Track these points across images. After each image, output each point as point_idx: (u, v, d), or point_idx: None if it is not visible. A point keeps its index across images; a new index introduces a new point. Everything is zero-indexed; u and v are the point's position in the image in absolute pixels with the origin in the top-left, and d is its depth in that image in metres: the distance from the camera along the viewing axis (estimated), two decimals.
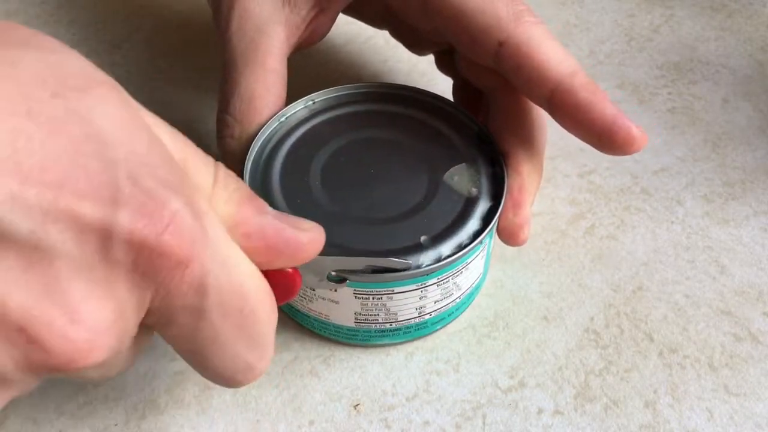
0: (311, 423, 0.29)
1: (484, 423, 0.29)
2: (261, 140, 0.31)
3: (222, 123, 0.32)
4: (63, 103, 0.18)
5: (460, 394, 0.30)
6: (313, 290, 0.29)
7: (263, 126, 0.31)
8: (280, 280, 0.23)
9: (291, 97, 0.33)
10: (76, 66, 0.19)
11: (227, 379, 0.23)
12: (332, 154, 0.31)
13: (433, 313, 0.30)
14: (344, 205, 0.29)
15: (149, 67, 0.43)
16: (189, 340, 0.21)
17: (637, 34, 0.47)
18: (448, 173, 0.31)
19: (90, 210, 0.18)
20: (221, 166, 0.23)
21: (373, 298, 0.28)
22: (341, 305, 0.29)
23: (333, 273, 0.27)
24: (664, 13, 0.48)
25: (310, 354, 0.31)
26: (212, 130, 0.33)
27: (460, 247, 0.28)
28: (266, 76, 0.31)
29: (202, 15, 0.47)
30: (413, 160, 0.31)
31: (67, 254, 0.18)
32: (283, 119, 0.33)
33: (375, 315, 0.29)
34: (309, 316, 0.30)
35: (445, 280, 0.29)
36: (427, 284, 0.29)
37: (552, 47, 0.29)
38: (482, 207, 0.30)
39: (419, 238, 0.29)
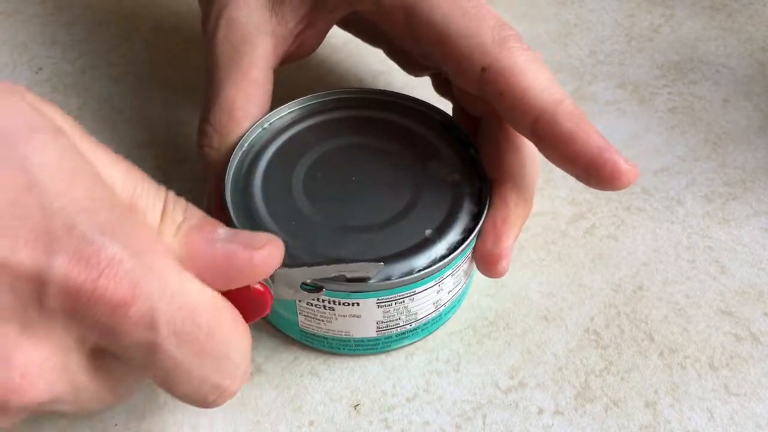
0: (311, 423, 0.29)
1: (484, 423, 0.29)
2: (243, 148, 0.31)
3: (202, 133, 0.32)
4: (1, 153, 0.18)
5: (460, 394, 0.30)
6: (333, 310, 0.28)
7: (243, 136, 0.31)
8: (248, 299, 0.23)
9: (287, 98, 0.33)
10: (18, 114, 0.19)
11: (200, 402, 0.23)
12: (314, 162, 0.31)
13: (446, 304, 0.30)
14: (327, 213, 0.29)
15: (147, 67, 0.43)
16: (150, 370, 0.21)
17: (637, 34, 0.47)
18: (435, 171, 0.30)
19: (24, 259, 0.18)
20: (171, 197, 0.22)
21: (395, 303, 0.28)
22: (363, 318, 0.29)
23: (307, 282, 0.27)
24: (664, 13, 0.48)
25: (310, 354, 0.31)
26: None
27: (468, 231, 0.29)
28: (248, 87, 0.31)
29: (198, 16, 0.47)
30: (394, 163, 0.31)
31: (4, 304, 0.18)
32: (266, 126, 0.32)
33: (397, 319, 0.29)
34: (326, 338, 0.30)
35: (458, 269, 0.29)
36: (444, 276, 0.29)
37: (537, 74, 0.28)
38: (471, 189, 0.30)
39: (424, 234, 0.29)
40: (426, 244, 0.28)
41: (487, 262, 0.29)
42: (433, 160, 0.31)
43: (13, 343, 0.19)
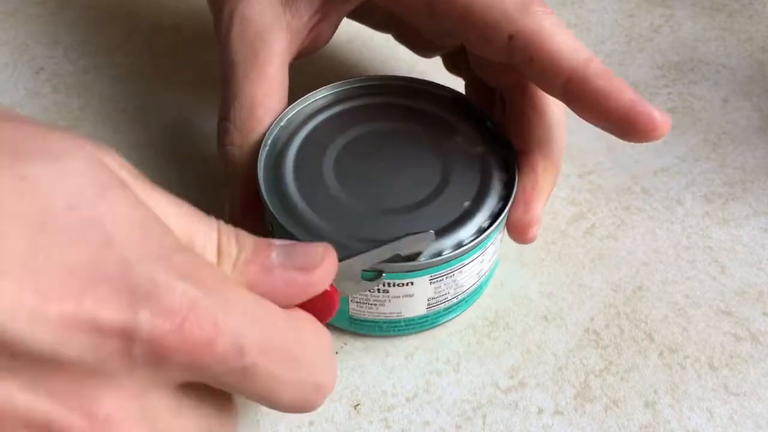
0: (311, 423, 0.29)
1: (484, 423, 0.29)
2: (272, 136, 0.32)
3: (223, 131, 0.32)
4: (76, 213, 0.18)
5: (460, 394, 0.30)
6: (387, 292, 0.29)
7: (267, 130, 0.31)
8: (317, 302, 0.24)
9: (293, 96, 0.33)
10: (88, 171, 0.19)
11: (304, 405, 0.23)
12: (341, 150, 0.31)
13: (486, 273, 0.31)
14: (363, 198, 0.30)
15: (149, 66, 0.44)
16: (249, 391, 0.22)
17: (637, 34, 0.47)
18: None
19: (110, 316, 0.18)
20: (223, 230, 0.23)
21: (446, 278, 0.29)
22: (415, 296, 0.29)
23: (367, 271, 0.27)
24: (664, 13, 0.48)
25: None
26: (212, 130, 0.33)
27: (505, 198, 0.30)
28: (267, 83, 0.31)
29: (200, 15, 0.47)
30: (419, 144, 0.32)
31: (89, 361, 0.18)
32: (297, 110, 0.33)
33: (445, 294, 0.30)
34: (377, 322, 0.30)
35: (497, 237, 0.30)
36: (488, 245, 0.29)
37: (564, 36, 0.28)
38: (496, 159, 0.31)
39: (463, 206, 0.29)
40: (467, 215, 0.29)
41: (519, 229, 0.30)
42: (455, 136, 0.32)
43: (96, 396, 0.19)
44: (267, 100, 0.31)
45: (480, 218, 0.29)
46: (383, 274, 0.28)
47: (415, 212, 0.29)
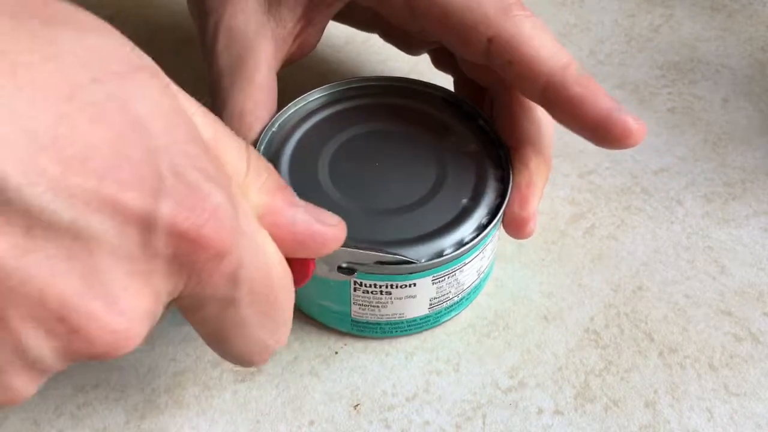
0: (311, 423, 0.29)
1: (484, 423, 0.29)
2: (269, 134, 0.32)
3: None
4: (103, 88, 0.18)
5: (460, 394, 0.30)
6: (390, 294, 0.29)
7: (258, 138, 0.31)
8: (297, 267, 0.24)
9: (290, 97, 0.33)
10: (117, 49, 0.19)
11: (246, 360, 0.23)
12: (335, 152, 0.31)
13: (485, 269, 0.31)
14: (351, 195, 0.30)
15: None
16: (214, 324, 0.22)
17: (637, 34, 0.47)
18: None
19: (133, 200, 0.17)
20: (252, 152, 0.23)
21: (448, 278, 0.29)
22: (418, 297, 0.29)
23: (344, 264, 0.27)
24: (664, 13, 0.48)
25: (310, 354, 0.31)
26: None
27: (503, 193, 0.30)
28: (255, 92, 0.31)
29: None
30: (412, 144, 0.32)
31: (108, 244, 0.18)
32: (294, 109, 0.33)
33: (447, 293, 0.30)
34: (379, 324, 0.30)
35: (495, 234, 0.30)
36: (488, 242, 0.29)
37: (543, 40, 0.28)
38: (490, 155, 0.31)
39: (461, 204, 0.29)
40: (466, 213, 0.29)
41: (517, 226, 0.30)
42: (449, 135, 0.32)
43: (122, 285, 0.18)
44: (256, 108, 0.31)
45: (479, 215, 0.29)
46: (355, 273, 0.28)
47: (414, 211, 0.29)
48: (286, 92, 0.33)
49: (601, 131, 0.27)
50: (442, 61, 0.37)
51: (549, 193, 0.37)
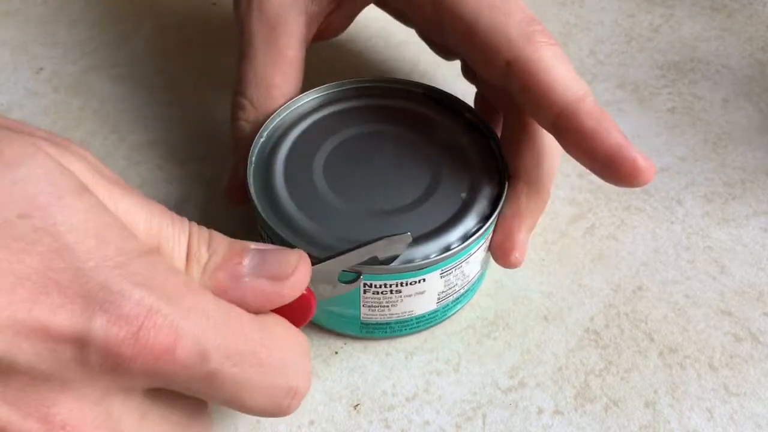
0: (311, 423, 0.29)
1: (484, 423, 0.29)
2: (269, 129, 0.32)
3: (238, 107, 0.32)
4: (30, 222, 0.18)
5: (460, 394, 0.30)
6: (399, 292, 0.29)
7: (274, 114, 0.32)
8: (293, 306, 0.23)
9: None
10: (44, 177, 0.19)
11: (276, 410, 0.23)
12: (336, 147, 0.32)
13: (485, 259, 0.31)
14: (345, 196, 0.30)
15: (149, 67, 0.44)
16: (217, 396, 0.22)
17: (637, 34, 0.47)
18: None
19: (63, 322, 0.18)
20: (194, 233, 0.23)
21: (455, 270, 0.29)
22: (426, 292, 0.29)
23: (341, 277, 0.27)
24: (664, 13, 0.48)
25: (310, 354, 0.31)
26: (210, 129, 0.33)
27: (501, 184, 0.30)
28: (285, 65, 0.32)
29: (201, 16, 0.47)
30: (414, 150, 0.32)
31: (43, 367, 0.18)
32: (291, 109, 0.33)
33: (454, 285, 0.30)
34: (389, 323, 0.30)
35: (493, 223, 0.30)
36: (491, 232, 0.30)
37: (561, 70, 0.28)
38: (479, 148, 0.32)
39: (461, 198, 0.30)
40: (467, 206, 0.29)
41: (500, 254, 0.30)
42: (440, 132, 0.32)
43: (53, 401, 0.19)
44: (284, 83, 0.32)
45: (480, 206, 0.29)
46: (361, 276, 0.27)
47: (414, 210, 0.29)
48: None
49: (609, 167, 0.27)
50: (470, 71, 0.36)
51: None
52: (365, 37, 0.45)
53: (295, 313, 0.24)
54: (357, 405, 0.30)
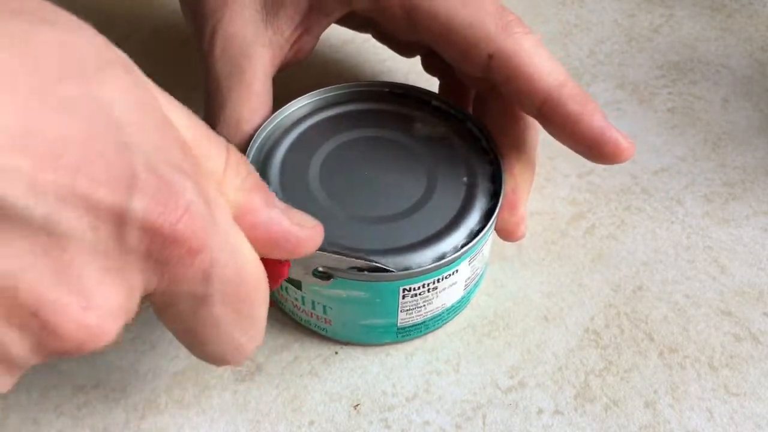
0: (311, 423, 0.29)
1: (484, 423, 0.29)
2: (261, 136, 0.32)
3: None
4: (77, 84, 0.18)
5: (460, 394, 0.30)
6: (436, 289, 0.29)
7: (260, 127, 0.31)
8: (272, 268, 0.24)
9: (291, 96, 0.33)
10: (91, 45, 0.19)
11: (218, 360, 0.23)
12: (330, 153, 0.31)
13: (488, 254, 0.32)
14: (342, 203, 0.29)
15: (147, 67, 0.43)
16: (186, 322, 0.22)
17: (637, 34, 0.47)
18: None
19: (105, 196, 0.17)
20: (232, 150, 0.23)
21: (479, 255, 0.30)
22: (458, 283, 0.30)
23: (320, 269, 0.27)
24: (664, 13, 0.48)
25: (310, 354, 0.31)
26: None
27: (497, 163, 0.31)
28: (253, 100, 0.31)
29: None
30: (411, 158, 0.31)
31: (81, 239, 0.18)
32: (283, 115, 0.33)
33: (477, 269, 0.31)
34: (424, 322, 0.30)
35: (503, 198, 0.31)
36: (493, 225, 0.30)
37: (541, 58, 0.29)
38: (462, 142, 0.32)
39: (463, 180, 0.30)
40: (473, 189, 0.30)
41: (508, 230, 0.31)
42: (435, 135, 0.32)
43: (95, 281, 0.18)
44: (253, 116, 0.32)
45: (484, 186, 0.30)
46: (332, 279, 0.28)
47: (423, 208, 0.29)
48: (281, 91, 0.33)
49: (594, 148, 0.29)
50: (431, 65, 0.37)
51: (549, 193, 0.37)
52: (363, 38, 0.45)
53: (270, 275, 0.24)
54: (357, 405, 0.30)
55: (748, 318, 0.32)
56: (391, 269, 0.27)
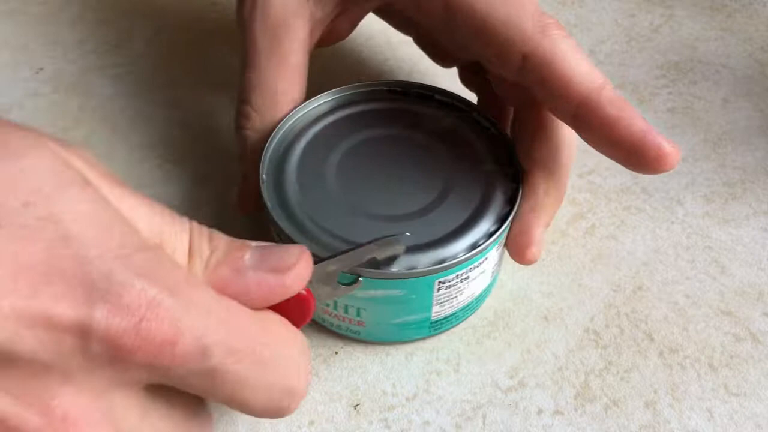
0: (311, 423, 0.29)
1: (484, 423, 0.29)
2: (281, 132, 0.32)
3: (243, 115, 0.32)
4: (34, 211, 0.18)
5: (460, 394, 0.30)
6: (467, 278, 0.29)
7: (283, 119, 0.32)
8: (292, 307, 0.23)
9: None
10: (48, 168, 0.19)
11: (275, 410, 0.23)
12: (348, 150, 0.32)
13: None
14: (358, 200, 0.30)
15: (149, 67, 0.44)
16: (217, 394, 0.21)
17: (637, 34, 0.47)
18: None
19: (65, 311, 0.18)
20: (195, 230, 0.23)
21: (504, 239, 0.30)
22: (486, 271, 0.30)
23: (339, 278, 0.27)
24: (664, 13, 0.48)
25: (310, 354, 0.31)
26: (210, 129, 0.33)
27: (511, 152, 0.31)
28: (290, 73, 0.32)
29: (201, 16, 0.47)
30: (427, 153, 0.32)
31: (44, 357, 0.18)
32: (302, 113, 0.33)
33: (502, 254, 0.31)
34: (455, 314, 0.31)
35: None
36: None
37: (578, 61, 0.28)
38: (473, 138, 0.32)
39: (482, 167, 0.31)
40: (492, 178, 0.30)
41: (517, 249, 0.30)
42: (453, 136, 0.32)
43: (54, 393, 0.19)
44: (289, 89, 0.32)
45: (502, 175, 0.31)
46: (360, 279, 0.27)
47: (444, 203, 0.30)
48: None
49: (634, 154, 0.27)
50: (469, 78, 0.37)
51: None
52: (366, 36, 0.45)
53: (295, 313, 0.24)
54: (357, 405, 0.30)
55: (748, 318, 0.32)
56: (406, 234, 0.28)
